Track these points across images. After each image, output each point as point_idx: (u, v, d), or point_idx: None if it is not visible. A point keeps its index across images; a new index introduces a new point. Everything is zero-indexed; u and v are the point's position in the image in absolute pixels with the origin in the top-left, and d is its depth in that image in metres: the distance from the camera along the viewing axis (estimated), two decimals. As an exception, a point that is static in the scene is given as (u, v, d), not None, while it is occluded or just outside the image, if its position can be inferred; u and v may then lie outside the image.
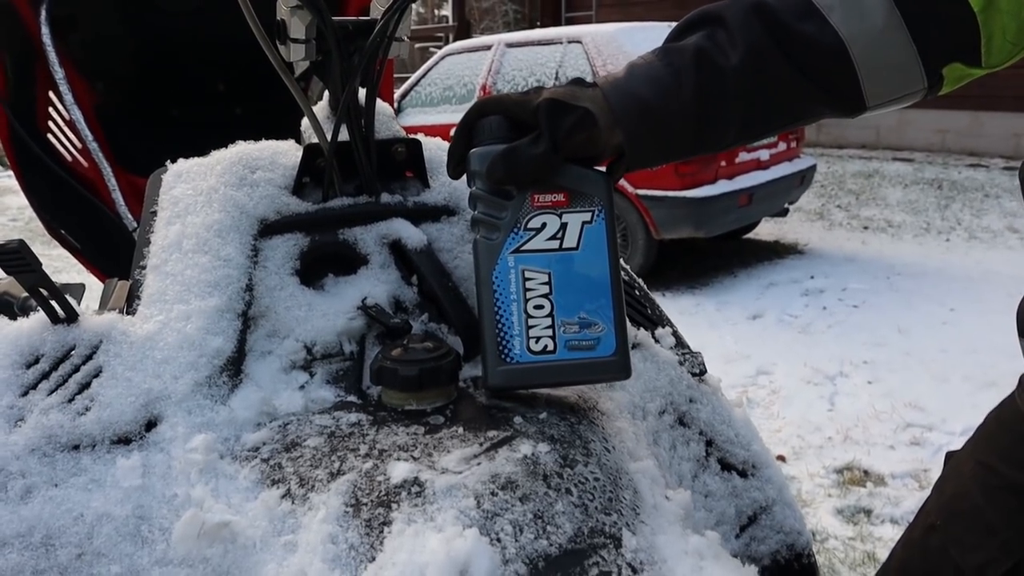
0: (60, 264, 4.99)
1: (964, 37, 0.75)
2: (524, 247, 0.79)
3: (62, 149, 2.03)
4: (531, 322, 0.79)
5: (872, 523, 2.75)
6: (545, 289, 0.79)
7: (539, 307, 0.79)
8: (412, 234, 0.95)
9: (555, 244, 0.79)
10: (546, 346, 0.79)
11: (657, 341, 1.06)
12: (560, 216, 0.79)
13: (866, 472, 3.05)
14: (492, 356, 0.79)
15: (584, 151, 0.79)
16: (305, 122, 1.00)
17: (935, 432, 3.29)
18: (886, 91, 0.79)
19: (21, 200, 2.18)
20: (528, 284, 0.79)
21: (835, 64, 0.76)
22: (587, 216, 0.80)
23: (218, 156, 0.96)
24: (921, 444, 3.21)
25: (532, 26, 12.88)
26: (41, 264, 0.77)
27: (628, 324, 1.05)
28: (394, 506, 0.66)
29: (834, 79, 0.77)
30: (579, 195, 0.80)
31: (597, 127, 0.77)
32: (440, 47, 8.32)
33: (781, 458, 3.14)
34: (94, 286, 1.56)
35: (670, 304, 4.91)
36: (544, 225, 0.79)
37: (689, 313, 4.91)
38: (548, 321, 0.79)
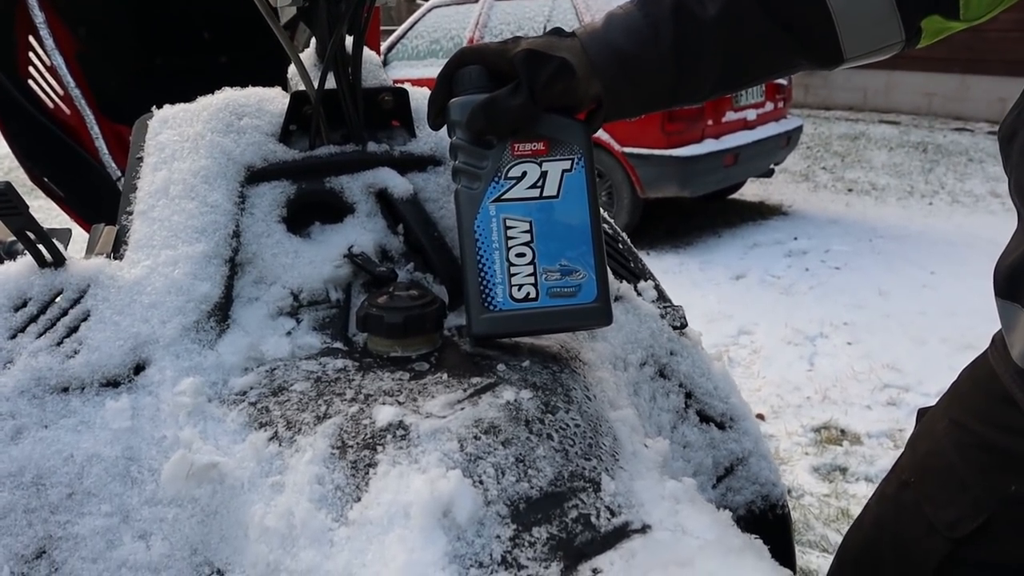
0: (42, 216, 4.94)
1: None
2: (505, 196, 0.80)
3: (44, 96, 2.00)
4: (513, 270, 0.80)
5: (847, 481, 2.80)
6: (527, 237, 0.80)
7: (521, 255, 0.80)
8: (398, 183, 0.96)
9: (535, 192, 0.80)
10: (528, 293, 0.80)
11: (639, 294, 1.07)
12: (540, 164, 0.80)
13: (843, 431, 3.11)
14: (475, 304, 0.80)
15: (562, 101, 0.79)
16: (292, 69, 0.99)
17: (911, 393, 3.35)
18: (864, 44, 0.79)
19: (2, 149, 2.15)
20: (509, 232, 0.80)
21: (813, 17, 0.77)
22: (567, 164, 0.80)
23: (204, 102, 0.96)
24: (897, 404, 3.27)
25: (521, -20, 12.67)
26: (28, 207, 0.77)
27: (611, 276, 1.06)
28: (379, 448, 0.67)
29: (813, 31, 0.78)
30: (558, 143, 0.80)
31: (575, 77, 0.78)
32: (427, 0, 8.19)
33: (760, 416, 3.19)
34: (79, 235, 1.55)
35: (654, 263, 4.93)
36: (524, 174, 0.80)
37: (672, 272, 4.93)
38: (530, 269, 0.80)
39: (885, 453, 2.93)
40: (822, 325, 4.08)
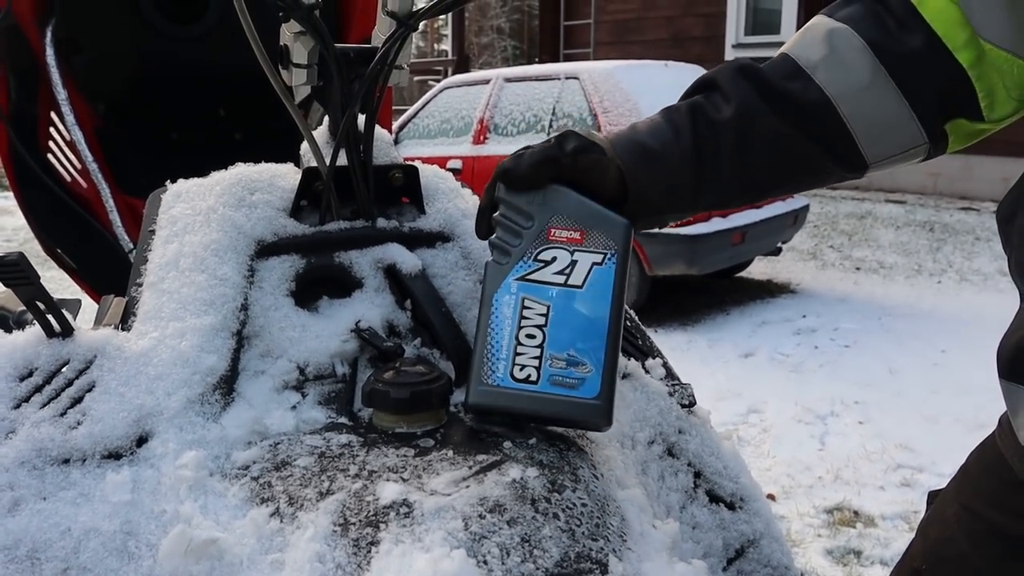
0: (54, 286, 4.98)
1: (959, 92, 0.76)
2: (530, 276, 0.80)
3: (62, 169, 2.04)
4: (520, 349, 0.80)
5: (862, 564, 2.73)
6: (541, 320, 0.80)
7: (531, 336, 0.80)
8: (407, 259, 0.96)
9: (561, 279, 0.80)
10: (529, 375, 0.80)
11: (647, 372, 1.06)
12: (572, 253, 0.80)
13: (856, 513, 3.04)
14: (476, 375, 0.80)
15: (589, 176, 0.81)
16: (304, 146, 1.01)
17: (926, 473, 3.28)
18: (885, 149, 0.80)
19: (17, 221, 2.19)
20: (525, 312, 0.80)
21: (826, 120, 0.78)
22: (598, 257, 0.80)
23: (217, 177, 0.98)
24: (911, 485, 3.20)
25: (530, 62, 13.03)
26: (39, 277, 0.78)
27: (620, 360, 1.05)
28: (382, 526, 0.66)
29: (828, 136, 0.79)
30: (596, 237, 0.81)
31: (605, 155, 0.80)
32: (439, 80, 8.40)
33: (771, 497, 3.13)
34: (89, 306, 1.56)
35: (662, 340, 4.91)
36: (554, 259, 0.80)
37: (681, 350, 4.91)
38: (536, 352, 0.80)
39: (900, 536, 2.86)
40: (833, 404, 4.03)
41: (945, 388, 4.17)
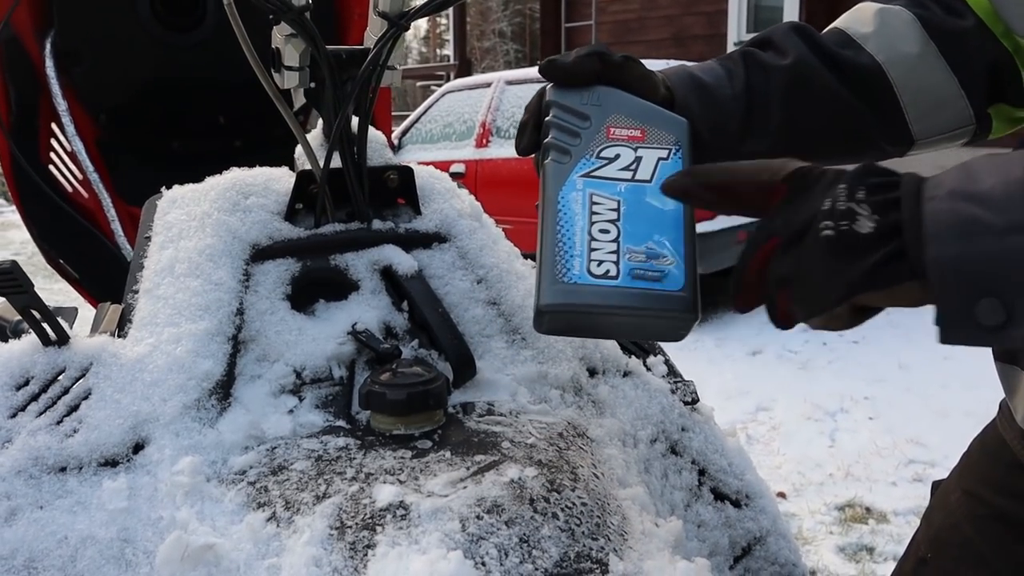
0: (62, 298, 5.00)
1: (1004, 74, 0.77)
2: (595, 172, 0.74)
3: (63, 180, 2.05)
4: (595, 244, 0.72)
5: (875, 561, 2.71)
6: (613, 215, 0.73)
7: (604, 231, 0.72)
8: (403, 260, 0.96)
9: (628, 175, 0.74)
10: (608, 270, 0.71)
11: (649, 369, 1.06)
12: (635, 150, 0.75)
13: (868, 509, 3.02)
14: (548, 274, 0.71)
15: (638, 85, 0.76)
16: (299, 149, 1.01)
17: (937, 468, 3.26)
18: (932, 125, 0.79)
19: (24, 234, 2.19)
20: (595, 208, 0.73)
21: (876, 85, 0.78)
22: (663, 153, 0.75)
23: (212, 182, 0.97)
24: (923, 480, 3.18)
25: (533, 65, 13.03)
26: (33, 285, 0.78)
27: (619, 351, 1.05)
28: (379, 529, 0.65)
29: (877, 100, 0.79)
30: (657, 134, 0.76)
31: (654, 73, 0.77)
32: (442, 85, 8.41)
33: (781, 495, 3.11)
34: (87, 314, 1.56)
35: (670, 339, 4.89)
36: (618, 156, 0.75)
37: (688, 349, 4.89)
38: (613, 246, 0.72)
39: (913, 531, 2.84)
40: (842, 400, 4.01)
41: (955, 382, 4.14)
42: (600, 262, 0.71)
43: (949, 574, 0.81)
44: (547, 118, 0.76)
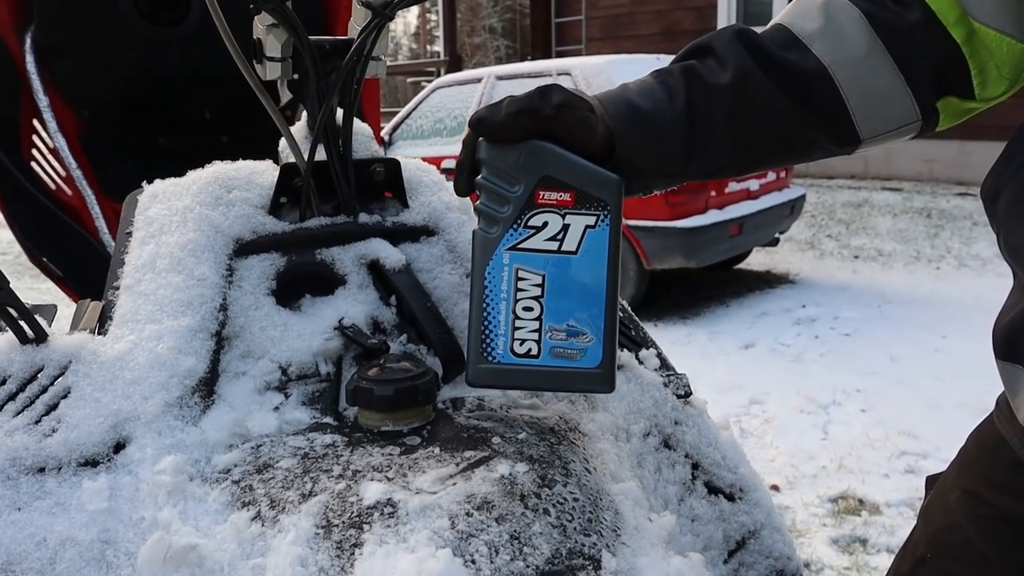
0: (49, 297, 4.96)
1: (953, 69, 0.75)
2: (521, 245, 0.76)
3: (46, 177, 2.02)
4: (518, 323, 0.76)
5: (868, 552, 2.71)
6: (537, 291, 0.76)
7: (528, 309, 0.76)
8: (391, 254, 0.94)
9: (554, 245, 0.76)
10: (530, 349, 0.77)
11: (641, 363, 1.04)
12: (563, 216, 0.76)
13: (861, 501, 3.02)
14: (475, 352, 0.77)
15: (573, 133, 0.76)
16: (283, 142, 0.99)
17: (930, 460, 3.26)
18: (878, 124, 0.78)
19: (9, 234, 2.17)
20: (520, 284, 0.76)
21: (821, 90, 0.76)
22: (591, 220, 0.76)
23: (194, 176, 0.95)
24: (916, 472, 3.18)
25: (523, 60, 13.01)
26: (8, 282, 0.76)
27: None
28: (366, 527, 0.64)
29: (823, 105, 0.77)
30: (587, 197, 0.76)
31: (593, 113, 0.76)
32: (432, 81, 8.38)
33: (775, 487, 3.11)
34: (67, 312, 1.54)
35: (662, 334, 4.89)
36: (545, 224, 0.76)
37: (681, 343, 4.89)
38: (535, 324, 0.76)
39: (906, 523, 2.84)
40: (835, 392, 4.01)
41: (947, 374, 4.15)
42: (523, 341, 0.77)
43: (950, 574, 0.80)
44: (478, 179, 0.77)
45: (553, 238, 0.76)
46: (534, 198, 0.76)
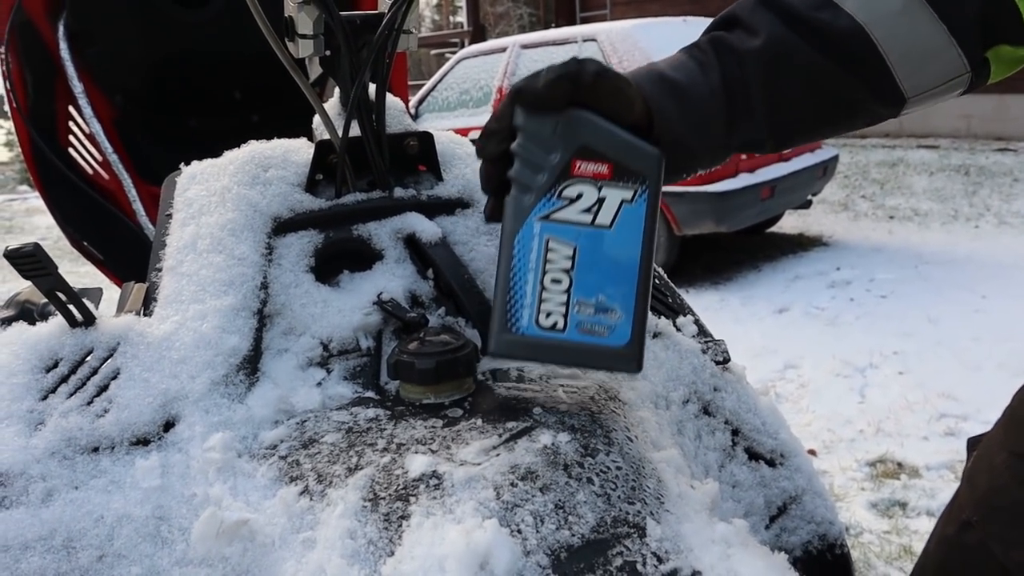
0: (89, 280, 5.05)
1: (1001, 14, 0.71)
2: (554, 215, 0.74)
3: (83, 162, 2.05)
4: (545, 295, 0.74)
5: (908, 516, 2.70)
6: (567, 264, 0.74)
7: (556, 281, 0.74)
8: (427, 228, 0.95)
9: (587, 218, 0.74)
10: (556, 323, 0.74)
11: (679, 330, 1.04)
12: (599, 189, 0.74)
13: (900, 464, 3.00)
14: (498, 322, 0.75)
15: (611, 104, 0.74)
16: (317, 119, 0.99)
17: (970, 422, 3.23)
18: (924, 80, 0.75)
19: (50, 219, 2.20)
20: (550, 255, 0.74)
21: (859, 49, 0.73)
22: (628, 194, 0.74)
23: (231, 156, 0.96)
24: (956, 434, 3.15)
25: (547, 28, 12.88)
26: (57, 268, 0.77)
27: (649, 314, 1.03)
28: (412, 499, 0.65)
29: (862, 65, 0.74)
30: (625, 170, 0.74)
31: (630, 85, 0.74)
32: (456, 52, 8.33)
33: (812, 452, 3.10)
34: (112, 294, 1.57)
35: (694, 300, 4.87)
36: (580, 195, 0.74)
37: (714, 309, 4.87)
38: (563, 297, 0.74)
39: (946, 486, 2.82)
40: (871, 355, 3.97)
41: (987, 334, 4.09)
42: (549, 313, 0.74)
43: (999, 538, 0.79)
44: (513, 145, 0.74)
45: (587, 210, 0.74)
46: (570, 168, 0.74)
